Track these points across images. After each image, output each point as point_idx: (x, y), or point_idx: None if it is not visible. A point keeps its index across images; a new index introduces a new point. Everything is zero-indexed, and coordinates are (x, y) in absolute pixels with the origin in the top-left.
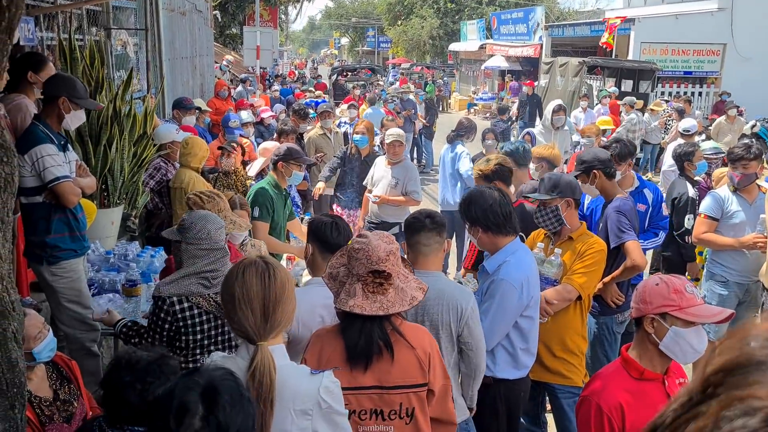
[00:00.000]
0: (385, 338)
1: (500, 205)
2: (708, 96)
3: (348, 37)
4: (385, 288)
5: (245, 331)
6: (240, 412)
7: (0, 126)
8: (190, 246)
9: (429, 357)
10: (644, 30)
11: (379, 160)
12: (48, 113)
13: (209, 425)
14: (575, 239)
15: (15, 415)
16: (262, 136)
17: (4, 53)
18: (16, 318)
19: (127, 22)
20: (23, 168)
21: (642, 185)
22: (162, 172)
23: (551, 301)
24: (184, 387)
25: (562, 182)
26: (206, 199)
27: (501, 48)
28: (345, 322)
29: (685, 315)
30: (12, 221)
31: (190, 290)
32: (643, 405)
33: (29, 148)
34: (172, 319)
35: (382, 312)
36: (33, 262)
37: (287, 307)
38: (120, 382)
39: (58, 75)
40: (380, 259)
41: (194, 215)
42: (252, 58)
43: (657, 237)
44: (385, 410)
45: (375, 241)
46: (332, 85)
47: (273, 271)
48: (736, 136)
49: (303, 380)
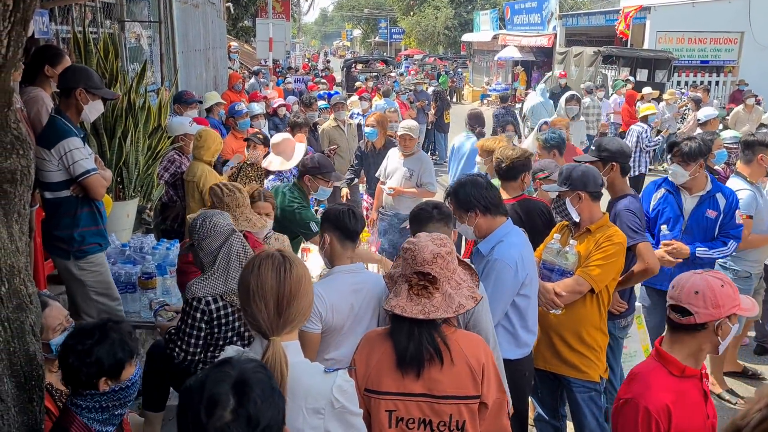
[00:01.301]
0: (435, 345)
1: (491, 188)
2: (725, 85)
3: (360, 28)
4: (431, 291)
5: (258, 325)
6: (271, 406)
7: (16, 118)
8: (203, 241)
9: (483, 368)
10: (660, 18)
11: (392, 152)
12: (66, 106)
13: (239, 418)
14: (594, 231)
15: (34, 407)
16: (276, 127)
17: (19, 45)
18: (34, 311)
19: (141, 14)
20: (49, 162)
21: (715, 189)
22: (176, 165)
23: (560, 292)
24: (215, 379)
25: (573, 175)
26: (227, 192)
27: (514, 38)
28: (394, 324)
29: (743, 312)
30: (29, 214)
31: (223, 289)
32: (685, 404)
33: (55, 143)
34: (209, 318)
35: (422, 315)
36: (58, 257)
37: (302, 302)
38: (65, 347)
39: (73, 66)
40: (425, 261)
41: (195, 216)
42: (265, 50)
43: (726, 246)
44: (434, 421)
45: (424, 242)
46: (345, 77)
47: (289, 266)
48: (754, 126)
49: (316, 378)
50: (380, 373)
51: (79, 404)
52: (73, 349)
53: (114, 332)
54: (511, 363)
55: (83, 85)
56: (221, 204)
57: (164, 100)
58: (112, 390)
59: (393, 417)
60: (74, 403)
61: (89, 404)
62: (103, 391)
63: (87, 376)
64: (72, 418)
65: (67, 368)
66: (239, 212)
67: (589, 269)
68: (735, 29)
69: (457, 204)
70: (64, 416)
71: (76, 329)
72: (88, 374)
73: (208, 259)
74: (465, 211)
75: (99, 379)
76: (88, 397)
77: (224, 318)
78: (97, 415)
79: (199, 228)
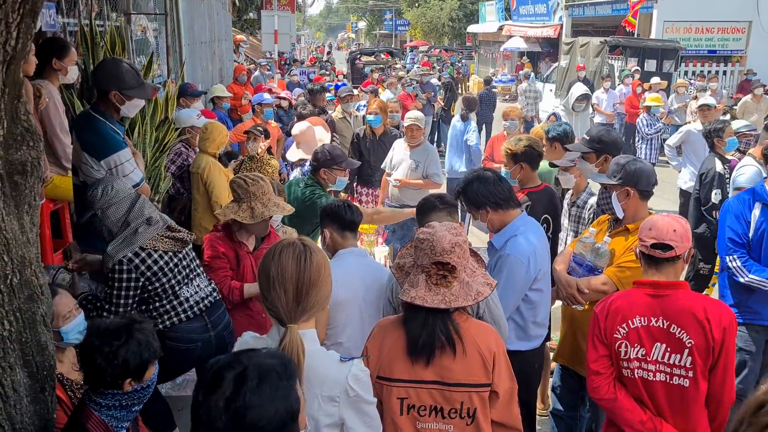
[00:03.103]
0: (448, 333)
1: (501, 181)
2: (733, 75)
3: (365, 20)
4: (449, 281)
5: (277, 311)
6: (269, 406)
7: (26, 110)
8: (108, 210)
9: (494, 356)
10: (667, 8)
11: (397, 144)
12: (105, 105)
13: (229, 408)
14: (632, 231)
15: (45, 397)
16: (280, 119)
17: (29, 37)
18: (45, 301)
19: (147, 6)
20: (97, 171)
21: None
22: (183, 157)
23: (583, 290)
24: (226, 364)
25: (627, 169)
26: (251, 182)
27: (520, 29)
28: (408, 313)
29: None
30: (39, 206)
31: (139, 241)
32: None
33: (106, 155)
34: (137, 274)
35: (444, 305)
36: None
37: (321, 291)
38: (90, 347)
39: (106, 66)
40: (444, 251)
41: (94, 186)
42: (270, 42)
43: None
44: (446, 408)
45: (441, 231)
46: (350, 69)
47: (310, 254)
48: (762, 116)
49: (332, 367)
50: (392, 360)
51: (98, 402)
52: (100, 350)
53: (139, 333)
54: (521, 355)
55: (116, 88)
56: (247, 194)
57: (171, 93)
58: (134, 390)
59: (405, 404)
60: (93, 400)
61: (110, 402)
62: (124, 392)
63: (113, 377)
64: (89, 414)
65: (92, 369)
66: (266, 199)
67: (620, 270)
68: (743, 18)
69: (467, 202)
70: (80, 412)
71: (99, 328)
72: (113, 375)
73: (117, 226)
74: (476, 209)
75: (124, 380)
76: (109, 396)
77: (154, 265)
78: (116, 413)
79: (100, 197)
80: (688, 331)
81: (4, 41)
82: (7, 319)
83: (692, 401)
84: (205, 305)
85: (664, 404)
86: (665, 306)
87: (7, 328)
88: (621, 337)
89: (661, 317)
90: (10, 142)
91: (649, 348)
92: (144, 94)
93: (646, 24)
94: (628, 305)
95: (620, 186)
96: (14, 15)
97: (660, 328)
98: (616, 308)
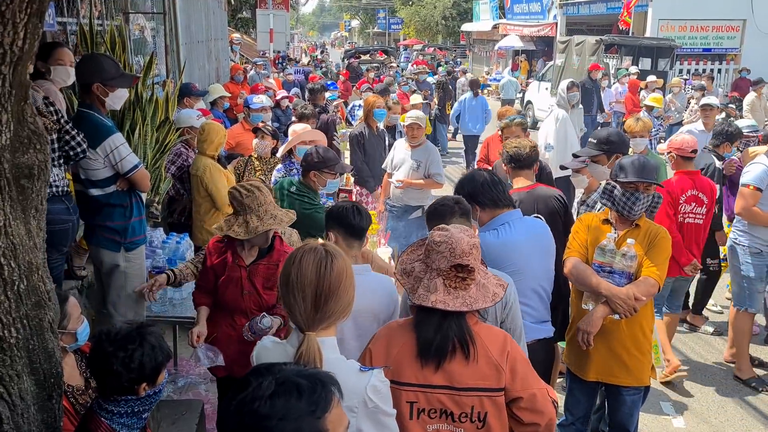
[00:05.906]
0: (462, 336)
1: (491, 183)
2: (727, 73)
3: (358, 19)
4: (467, 283)
5: (295, 317)
6: (277, 425)
7: (33, 112)
8: None
9: (507, 360)
10: (662, 6)
11: (398, 144)
12: (90, 99)
13: (240, 414)
14: (641, 226)
15: (53, 405)
16: (278, 120)
17: (36, 37)
18: (52, 308)
19: (144, 6)
20: (95, 161)
21: None
22: (183, 158)
23: (640, 297)
24: (258, 369)
25: (647, 167)
26: (245, 194)
27: (515, 27)
28: (420, 316)
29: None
30: (45, 210)
31: None
32: None
33: (100, 141)
34: None
35: (465, 308)
36: (109, 249)
37: (342, 299)
38: (104, 353)
39: (85, 60)
40: (464, 253)
41: None
42: (265, 41)
43: None
44: (455, 412)
45: (458, 234)
46: (345, 68)
47: (331, 261)
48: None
49: (351, 376)
50: (401, 364)
51: (110, 410)
52: (115, 355)
53: (151, 336)
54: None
55: (98, 80)
56: (242, 206)
57: (170, 93)
58: (147, 395)
59: (414, 408)
60: (104, 408)
61: (122, 409)
62: (138, 397)
63: (129, 381)
64: (99, 423)
65: (107, 375)
66: (262, 211)
67: (655, 269)
68: (737, 17)
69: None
70: (89, 420)
71: (110, 335)
72: (130, 379)
73: None
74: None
75: (140, 384)
76: (122, 402)
77: None
78: (128, 420)
79: None
80: (705, 193)
81: (11, 42)
82: (14, 327)
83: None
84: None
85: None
86: (696, 181)
87: (14, 336)
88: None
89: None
90: (16, 145)
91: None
92: (126, 83)
93: (641, 22)
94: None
95: (649, 185)
96: (21, 15)
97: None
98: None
